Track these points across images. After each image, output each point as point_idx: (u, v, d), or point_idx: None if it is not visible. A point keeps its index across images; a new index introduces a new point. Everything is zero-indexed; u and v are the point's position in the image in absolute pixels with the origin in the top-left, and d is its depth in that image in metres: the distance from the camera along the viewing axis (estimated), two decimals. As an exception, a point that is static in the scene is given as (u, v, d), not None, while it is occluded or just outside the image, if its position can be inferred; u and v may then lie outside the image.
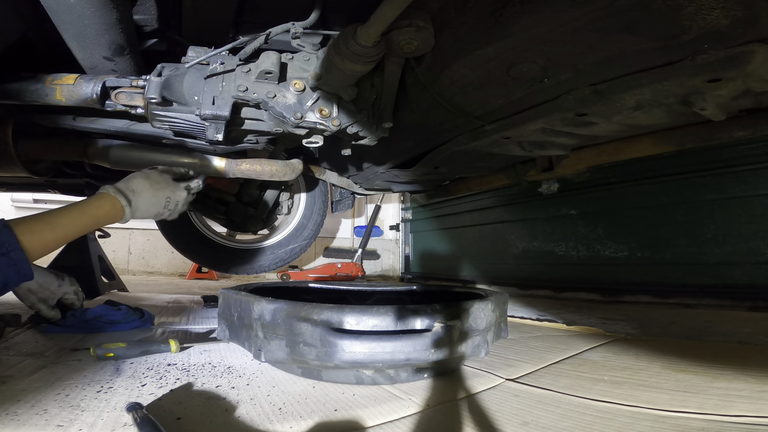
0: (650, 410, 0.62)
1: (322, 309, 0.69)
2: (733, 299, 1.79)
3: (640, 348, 1.04)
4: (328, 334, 0.66)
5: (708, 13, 0.58)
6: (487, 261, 3.13)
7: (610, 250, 2.29)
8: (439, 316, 0.70)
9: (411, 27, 0.77)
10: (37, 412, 0.55)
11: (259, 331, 0.73)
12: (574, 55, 0.74)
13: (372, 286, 1.35)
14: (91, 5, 0.71)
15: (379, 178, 1.66)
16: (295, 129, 0.99)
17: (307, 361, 0.70)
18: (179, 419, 0.56)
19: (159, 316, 1.39)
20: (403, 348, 0.66)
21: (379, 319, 0.68)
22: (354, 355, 0.65)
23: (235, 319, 0.81)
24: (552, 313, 1.71)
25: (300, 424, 0.56)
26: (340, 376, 0.74)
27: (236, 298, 0.82)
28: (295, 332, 0.68)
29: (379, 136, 1.05)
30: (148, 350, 0.87)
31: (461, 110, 1.00)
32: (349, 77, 0.87)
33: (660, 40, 0.66)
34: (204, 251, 2.08)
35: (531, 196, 2.71)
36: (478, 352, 0.78)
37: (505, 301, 0.93)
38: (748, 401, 0.65)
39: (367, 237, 3.83)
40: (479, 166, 1.44)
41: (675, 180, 2.04)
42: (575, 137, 1.08)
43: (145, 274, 3.78)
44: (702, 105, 0.79)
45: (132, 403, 0.56)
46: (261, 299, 0.75)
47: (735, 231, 1.84)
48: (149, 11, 0.89)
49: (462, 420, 0.59)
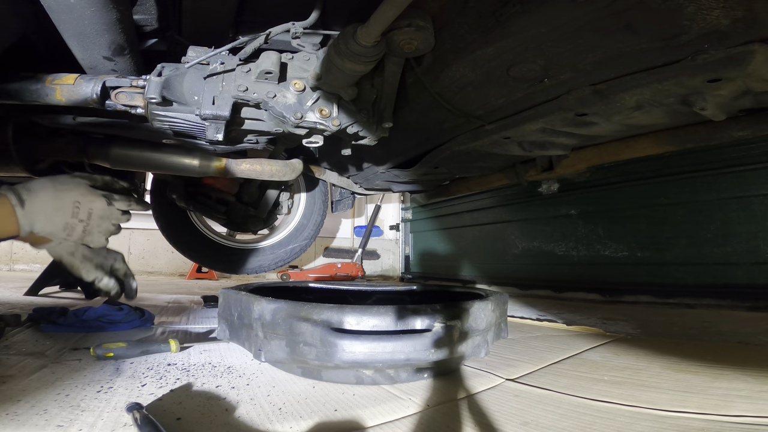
0: (650, 410, 0.62)
1: (322, 309, 0.68)
2: (733, 299, 1.79)
3: (640, 348, 1.04)
4: (328, 334, 0.66)
5: (708, 13, 0.58)
6: (487, 261, 3.13)
7: (610, 250, 2.29)
8: (439, 316, 0.70)
9: (411, 27, 0.77)
10: (37, 412, 0.55)
11: (259, 330, 0.73)
12: (574, 55, 0.74)
13: (372, 286, 1.35)
14: (91, 5, 0.71)
15: (379, 178, 1.66)
16: (295, 129, 0.98)
17: (307, 361, 0.70)
18: (179, 419, 0.56)
19: (159, 316, 1.39)
20: (403, 348, 0.66)
21: (380, 319, 0.68)
22: (354, 355, 0.65)
23: (235, 318, 0.81)
24: (552, 313, 1.71)
25: (300, 424, 0.56)
26: (340, 376, 0.74)
27: (236, 297, 0.81)
28: (296, 332, 0.68)
29: (379, 136, 1.05)
30: (147, 350, 0.87)
31: (461, 110, 1.00)
32: (349, 77, 0.87)
33: (660, 40, 0.66)
34: (204, 251, 2.08)
35: (531, 196, 2.71)
36: (478, 352, 0.78)
37: (505, 302, 0.93)
38: (748, 401, 0.65)
39: (367, 237, 3.83)
40: (479, 166, 1.44)
41: (675, 180, 2.04)
42: (575, 137, 1.08)
43: (145, 274, 3.77)
44: (702, 105, 0.79)
45: (132, 403, 0.56)
46: (261, 299, 0.75)
47: (735, 231, 1.84)
48: (149, 11, 0.89)
49: (462, 420, 0.59)
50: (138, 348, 0.86)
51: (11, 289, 1.92)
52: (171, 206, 1.85)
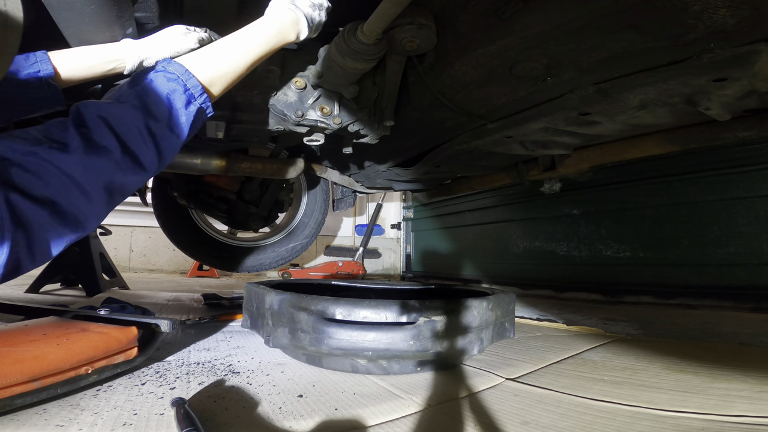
0: (650, 410, 0.62)
1: (319, 300, 0.76)
2: (735, 300, 1.78)
3: (641, 348, 1.04)
4: (319, 323, 0.73)
5: (714, 12, 0.57)
6: (489, 260, 3.12)
7: (612, 250, 2.29)
8: (426, 312, 0.75)
9: (413, 25, 0.76)
10: (36, 412, 0.55)
11: (269, 319, 0.82)
12: (577, 54, 0.73)
13: (391, 284, 1.46)
14: (91, 2, 0.71)
15: (380, 177, 1.65)
16: (296, 127, 0.98)
17: (304, 347, 0.77)
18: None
19: (159, 314, 1.39)
20: (384, 338, 0.72)
21: (369, 311, 0.74)
22: (340, 342, 0.72)
23: (254, 309, 0.90)
24: (553, 313, 1.71)
25: (300, 424, 0.56)
26: (337, 364, 0.81)
27: (256, 290, 0.91)
28: (295, 320, 0.77)
29: (381, 134, 1.05)
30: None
31: (463, 109, 0.99)
32: (351, 75, 0.87)
33: (665, 39, 0.65)
34: (205, 249, 2.08)
35: (533, 195, 2.70)
36: (471, 349, 0.81)
37: (509, 301, 0.94)
38: (748, 401, 0.65)
39: (369, 235, 3.83)
40: (481, 165, 1.43)
41: (678, 180, 2.03)
42: (578, 136, 1.07)
43: (146, 272, 3.79)
44: (707, 105, 0.78)
45: (176, 398, 0.59)
46: (272, 291, 0.83)
47: (738, 232, 1.83)
48: (150, 8, 0.88)
49: (462, 419, 0.59)
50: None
51: (13, 287, 1.92)
52: (172, 204, 1.86)
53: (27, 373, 0.54)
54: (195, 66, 0.64)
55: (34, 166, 0.48)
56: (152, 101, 0.59)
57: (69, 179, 0.50)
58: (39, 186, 0.48)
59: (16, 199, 0.47)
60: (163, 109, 0.59)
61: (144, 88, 0.60)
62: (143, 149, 0.57)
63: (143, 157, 0.57)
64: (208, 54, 0.67)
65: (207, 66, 0.65)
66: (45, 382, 0.57)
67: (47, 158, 0.49)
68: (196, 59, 0.66)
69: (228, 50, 0.68)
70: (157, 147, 0.59)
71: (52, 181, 0.49)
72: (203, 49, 0.69)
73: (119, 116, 0.55)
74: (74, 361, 0.61)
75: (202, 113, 0.65)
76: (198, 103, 0.64)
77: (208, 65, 0.65)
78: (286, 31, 0.73)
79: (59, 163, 0.49)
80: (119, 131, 0.55)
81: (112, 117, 0.55)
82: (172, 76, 0.61)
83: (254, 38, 0.69)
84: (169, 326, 0.81)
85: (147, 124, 0.57)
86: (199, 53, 0.67)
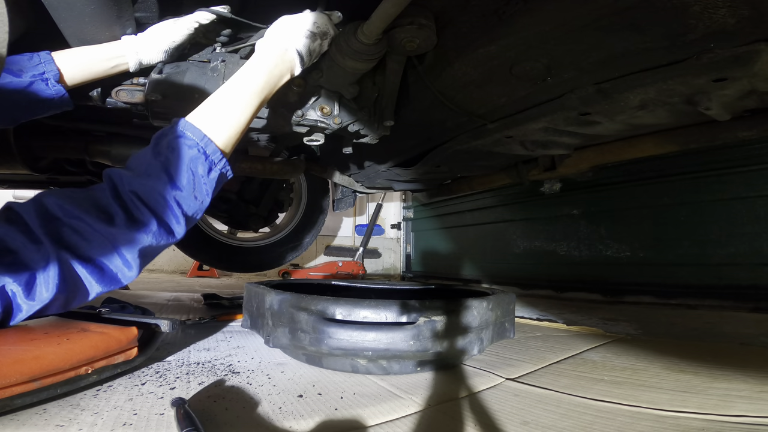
0: (650, 410, 0.62)
1: (319, 300, 0.75)
2: (735, 300, 1.78)
3: (641, 348, 1.04)
4: (319, 323, 0.73)
5: (714, 11, 0.57)
6: (489, 260, 3.12)
7: (612, 250, 2.29)
8: (426, 312, 0.75)
9: (413, 25, 0.76)
10: (36, 412, 0.55)
11: (269, 319, 0.81)
12: (577, 54, 0.73)
13: (392, 284, 1.45)
14: (91, 2, 0.71)
15: (380, 177, 1.65)
16: (296, 127, 0.98)
17: (304, 347, 0.76)
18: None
19: (159, 314, 1.39)
20: (383, 338, 0.72)
21: (369, 311, 0.74)
22: (339, 342, 0.72)
23: (254, 309, 0.90)
24: (553, 313, 1.71)
25: (300, 424, 0.56)
26: (337, 364, 0.80)
27: (256, 290, 0.91)
28: (295, 320, 0.77)
29: (381, 134, 1.05)
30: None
31: (463, 109, 0.99)
32: (351, 75, 0.87)
33: (665, 39, 0.65)
34: (205, 249, 2.08)
35: (533, 195, 2.70)
36: (471, 349, 0.81)
37: (509, 301, 0.94)
38: (748, 401, 0.65)
39: (369, 235, 3.83)
40: (481, 165, 1.43)
41: (678, 180, 2.03)
42: (578, 136, 1.07)
43: (146, 272, 3.78)
44: (707, 105, 0.78)
45: (176, 398, 0.59)
46: (272, 291, 0.82)
47: (738, 232, 1.83)
48: (150, 8, 0.88)
49: (462, 419, 0.59)
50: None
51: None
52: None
53: (27, 374, 0.54)
54: (210, 129, 0.67)
55: (83, 230, 0.58)
56: (176, 172, 0.63)
57: (113, 247, 0.59)
58: (86, 248, 0.58)
59: (65, 256, 0.56)
60: (188, 180, 0.64)
61: (168, 159, 0.63)
62: (173, 220, 0.64)
63: (174, 227, 0.65)
64: (218, 113, 0.69)
65: (220, 128, 0.68)
66: (45, 382, 0.57)
67: (96, 228, 0.58)
68: (208, 119, 0.68)
69: (233, 107, 0.70)
70: (185, 215, 0.65)
71: (98, 245, 0.59)
72: (211, 106, 0.70)
73: (150, 191, 0.62)
74: (74, 361, 0.61)
75: (223, 177, 0.69)
76: (219, 169, 0.67)
77: (221, 127, 0.68)
78: (275, 78, 0.75)
79: (106, 233, 0.59)
80: (153, 206, 0.62)
81: (143, 192, 0.61)
82: (191, 143, 0.65)
83: (251, 88, 0.72)
84: (169, 326, 0.81)
85: (174, 197, 0.63)
86: (209, 112, 0.69)
